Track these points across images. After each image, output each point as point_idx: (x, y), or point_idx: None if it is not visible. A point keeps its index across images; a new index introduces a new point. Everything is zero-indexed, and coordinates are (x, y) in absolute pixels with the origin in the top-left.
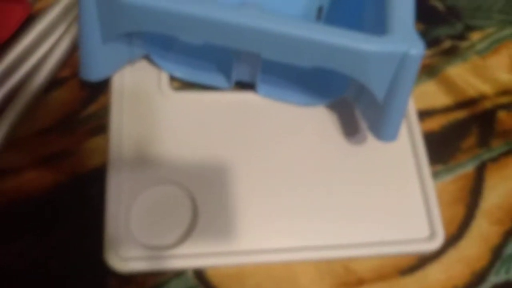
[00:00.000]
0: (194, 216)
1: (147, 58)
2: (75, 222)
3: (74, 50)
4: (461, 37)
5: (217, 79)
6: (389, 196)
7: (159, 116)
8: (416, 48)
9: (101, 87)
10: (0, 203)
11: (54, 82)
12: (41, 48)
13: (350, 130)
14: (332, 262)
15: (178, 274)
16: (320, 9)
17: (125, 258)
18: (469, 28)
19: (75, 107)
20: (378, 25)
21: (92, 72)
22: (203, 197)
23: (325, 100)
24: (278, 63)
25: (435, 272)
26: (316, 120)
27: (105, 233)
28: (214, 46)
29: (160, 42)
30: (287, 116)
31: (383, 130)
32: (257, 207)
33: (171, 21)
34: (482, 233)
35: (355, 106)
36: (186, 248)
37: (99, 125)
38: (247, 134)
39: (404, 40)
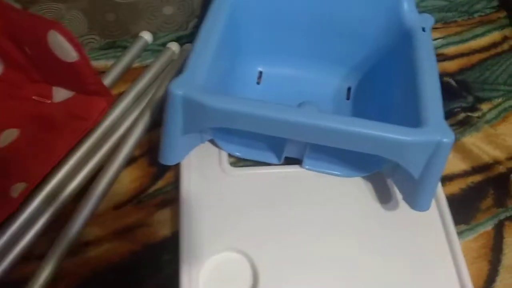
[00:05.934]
0: (255, 282)
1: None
2: (151, 285)
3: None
4: (473, 108)
5: (270, 156)
6: (420, 257)
7: (220, 188)
8: (448, 137)
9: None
10: (85, 270)
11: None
12: (118, 132)
13: (384, 197)
14: None
15: None
16: (349, 89)
17: None
18: (479, 100)
19: (146, 183)
20: (407, 111)
21: (171, 158)
22: (263, 264)
23: (363, 173)
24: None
25: None
26: (355, 189)
27: None
28: None
29: (224, 129)
30: (330, 185)
31: (418, 201)
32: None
33: (246, 120)
34: (508, 287)
35: (391, 179)
36: None
37: (166, 199)
38: (297, 202)
39: (437, 131)
